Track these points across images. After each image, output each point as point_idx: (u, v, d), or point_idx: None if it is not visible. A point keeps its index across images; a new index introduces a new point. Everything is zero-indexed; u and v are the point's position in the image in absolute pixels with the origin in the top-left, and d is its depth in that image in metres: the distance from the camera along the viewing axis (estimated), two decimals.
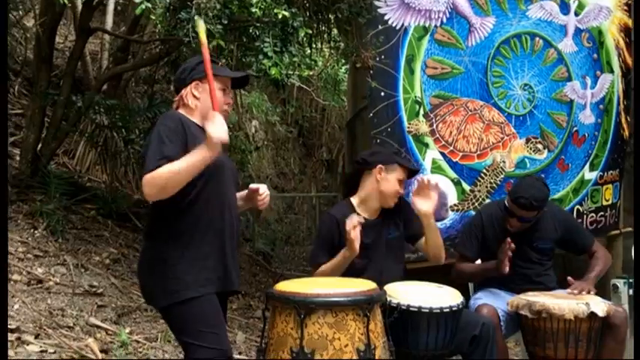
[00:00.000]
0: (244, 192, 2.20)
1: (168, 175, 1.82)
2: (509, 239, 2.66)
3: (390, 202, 2.57)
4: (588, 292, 2.66)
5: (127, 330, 3.19)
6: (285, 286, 1.95)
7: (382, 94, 3.63)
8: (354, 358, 1.78)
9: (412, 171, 2.69)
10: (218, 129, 1.85)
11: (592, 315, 2.41)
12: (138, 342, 3.09)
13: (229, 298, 2.35)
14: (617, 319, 2.52)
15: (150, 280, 1.96)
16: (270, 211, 7.89)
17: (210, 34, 3.35)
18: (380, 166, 2.55)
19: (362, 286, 1.93)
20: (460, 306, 2.30)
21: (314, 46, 6.62)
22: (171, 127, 1.95)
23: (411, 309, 2.22)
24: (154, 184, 1.83)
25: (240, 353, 3.36)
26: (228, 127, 1.97)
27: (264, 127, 8.30)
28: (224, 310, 2.04)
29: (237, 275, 2.04)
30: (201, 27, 2.03)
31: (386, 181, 2.54)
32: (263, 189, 2.17)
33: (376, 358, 1.82)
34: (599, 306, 2.42)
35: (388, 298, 2.27)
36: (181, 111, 2.08)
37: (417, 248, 2.75)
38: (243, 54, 4.22)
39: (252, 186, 2.18)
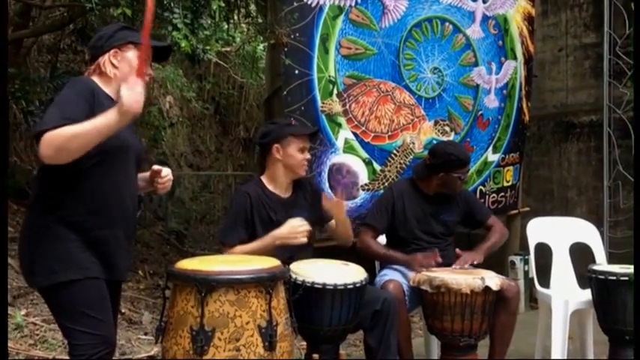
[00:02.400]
0: (147, 173, 2.10)
1: (68, 135, 1.67)
2: (438, 258, 2.80)
3: (301, 172, 2.62)
4: (477, 263, 2.80)
5: (23, 312, 3.03)
6: (187, 264, 1.92)
7: (296, 72, 3.62)
8: (255, 334, 1.78)
9: (313, 133, 2.74)
10: (134, 96, 1.70)
11: (487, 289, 2.54)
12: (35, 324, 2.95)
13: (128, 282, 2.28)
14: (510, 292, 2.68)
15: (30, 257, 1.83)
16: (185, 190, 7.73)
17: (115, 2, 3.20)
18: (275, 145, 2.55)
19: (265, 263, 1.93)
20: (364, 282, 2.36)
21: (231, 20, 6.47)
22: (79, 91, 1.83)
23: (316, 286, 2.26)
24: (51, 144, 1.67)
25: (146, 334, 3.28)
26: None
27: (180, 103, 8.07)
28: (115, 299, 1.96)
29: (127, 264, 1.97)
30: None
31: (287, 156, 2.57)
32: (165, 172, 2.07)
33: (278, 334, 1.83)
34: (493, 280, 2.56)
35: (293, 276, 2.29)
36: (95, 79, 1.95)
37: (325, 230, 2.80)
38: (159, 25, 4.06)
39: (155, 167, 2.09)
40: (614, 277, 2.73)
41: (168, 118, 7.67)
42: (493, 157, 4.52)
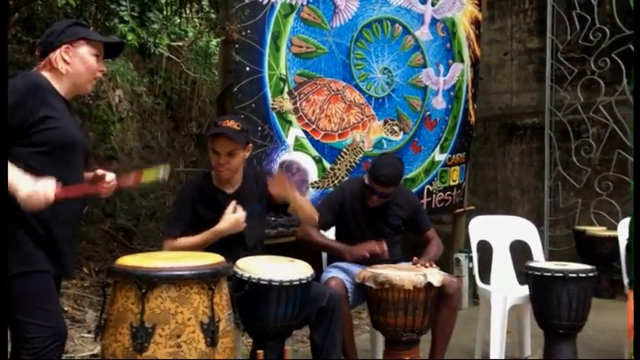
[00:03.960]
0: (91, 174, 2.07)
1: None
2: (385, 247, 2.84)
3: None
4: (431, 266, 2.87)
5: None
6: (128, 261, 1.90)
7: (247, 69, 3.60)
8: (197, 331, 1.78)
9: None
10: (35, 198, 1.69)
11: (429, 285, 2.60)
12: None
13: (72, 279, 2.25)
14: (451, 288, 2.76)
15: None
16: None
17: None
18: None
19: (207, 259, 1.93)
20: (310, 279, 2.39)
21: (183, 15, 6.40)
22: (19, 89, 1.79)
23: (262, 282, 2.27)
24: None
25: (89, 332, 3.23)
26: (89, 96, 1.86)
27: (130, 98, 7.91)
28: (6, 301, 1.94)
29: (73, 261, 1.96)
30: None
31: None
32: (110, 177, 2.04)
33: (220, 330, 1.84)
34: (435, 277, 2.63)
35: (239, 272, 2.30)
36: (46, 74, 1.93)
37: (290, 213, 2.80)
38: (105, 17, 3.98)
39: (99, 172, 2.05)
40: (550, 274, 2.85)
41: (117, 112, 7.50)
42: (440, 156, 4.63)
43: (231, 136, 2.49)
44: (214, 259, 1.95)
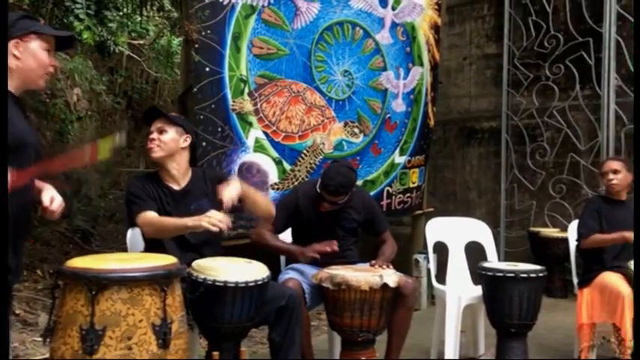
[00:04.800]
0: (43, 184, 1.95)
1: None
2: (335, 246, 2.85)
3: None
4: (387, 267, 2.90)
5: None
6: (78, 262, 1.87)
7: (207, 69, 3.58)
8: (149, 332, 1.77)
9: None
10: None
11: (384, 286, 2.64)
12: None
13: (24, 282, 2.18)
14: (407, 289, 2.79)
15: None
16: (93, 186, 7.44)
17: None
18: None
19: (160, 260, 1.92)
20: (266, 280, 2.39)
21: (145, 13, 6.30)
22: None
23: (217, 284, 2.27)
24: None
25: (41, 336, 3.14)
26: (46, 93, 1.80)
27: (88, 96, 7.74)
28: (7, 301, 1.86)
29: (17, 264, 1.88)
30: None
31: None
32: (55, 205, 1.87)
33: (173, 332, 1.83)
34: (391, 277, 2.67)
35: (194, 274, 2.29)
36: None
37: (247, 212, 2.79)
38: (63, 14, 3.89)
39: (45, 201, 1.89)
40: (502, 274, 2.92)
41: (75, 111, 7.34)
42: (400, 159, 4.69)
43: (160, 111, 2.55)
44: (167, 260, 1.94)
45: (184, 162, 2.61)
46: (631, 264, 2.94)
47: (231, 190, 2.47)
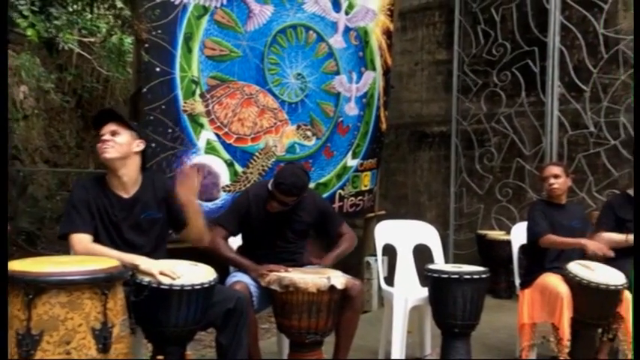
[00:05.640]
0: None
1: None
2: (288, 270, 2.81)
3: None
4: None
5: None
6: (16, 265, 1.82)
7: (157, 69, 3.54)
8: (88, 337, 1.74)
9: None
10: None
11: (332, 288, 2.66)
12: None
13: None
14: (354, 291, 2.82)
15: None
16: (39, 187, 7.22)
17: None
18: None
19: (101, 263, 1.88)
20: (212, 283, 2.38)
21: (95, 11, 6.16)
22: None
23: (162, 287, 2.24)
24: None
25: None
26: None
27: (36, 94, 7.51)
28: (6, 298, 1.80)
29: None
30: None
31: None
32: None
33: (114, 336, 1.80)
34: (339, 279, 2.69)
35: (139, 277, 2.26)
36: None
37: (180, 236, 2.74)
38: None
39: None
40: (446, 276, 3.00)
41: (21, 109, 7.11)
42: (352, 162, 4.73)
43: (116, 114, 2.48)
44: (109, 263, 1.91)
45: (135, 168, 2.53)
46: (570, 266, 3.06)
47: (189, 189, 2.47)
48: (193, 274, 2.35)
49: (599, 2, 4.98)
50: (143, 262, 2.29)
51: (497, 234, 5.24)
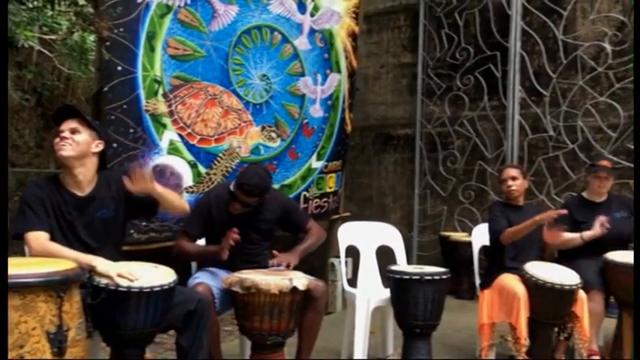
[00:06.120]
0: None
1: None
2: (235, 229, 2.80)
3: None
4: (288, 266, 2.91)
5: None
6: None
7: (119, 68, 3.48)
8: (42, 341, 1.70)
9: None
10: None
11: (294, 289, 2.66)
12: None
13: None
14: (317, 292, 2.83)
15: None
16: None
17: None
18: None
19: (57, 265, 1.84)
20: (172, 284, 2.35)
21: (57, 8, 6.03)
22: None
23: (120, 289, 2.20)
24: None
25: None
26: None
27: None
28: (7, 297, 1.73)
29: None
30: None
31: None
32: None
33: (69, 339, 1.76)
34: (301, 281, 2.69)
35: (96, 279, 2.22)
36: None
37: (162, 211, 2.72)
38: None
39: None
40: (408, 277, 3.03)
41: None
42: (317, 164, 4.74)
43: (76, 111, 2.46)
44: (65, 265, 1.87)
45: (93, 168, 2.49)
46: (526, 266, 3.13)
47: (143, 183, 2.44)
48: (153, 275, 2.32)
49: (559, 9, 5.11)
50: (100, 264, 2.26)
51: (459, 235, 5.32)
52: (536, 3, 5.19)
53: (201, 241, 3.12)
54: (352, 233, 3.58)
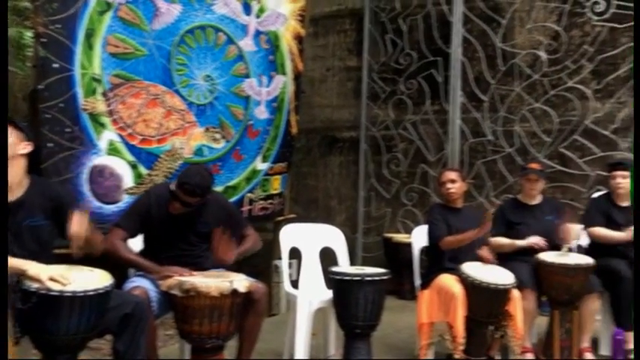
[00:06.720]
0: None
1: None
2: (186, 270, 2.76)
3: None
4: (228, 263, 2.88)
5: None
6: None
7: (56, 65, 3.38)
8: None
9: None
10: None
11: (234, 292, 2.65)
12: None
13: None
14: (258, 294, 2.82)
15: None
16: None
17: None
18: None
19: None
20: (108, 288, 2.30)
21: None
22: None
23: (52, 294, 2.14)
24: None
25: None
26: None
27: None
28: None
29: None
30: None
31: None
32: None
33: None
34: (241, 283, 2.68)
35: (27, 283, 2.15)
36: None
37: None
38: None
39: None
40: (348, 278, 3.06)
41: None
42: (262, 165, 4.73)
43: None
44: None
45: (20, 171, 2.39)
46: (463, 267, 3.22)
47: (79, 228, 2.32)
48: (87, 279, 2.26)
49: (498, 18, 5.28)
50: (31, 267, 2.18)
51: (402, 237, 5.41)
52: (476, 11, 5.35)
53: (137, 240, 3.05)
54: (295, 235, 3.59)
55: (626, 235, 3.48)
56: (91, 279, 2.28)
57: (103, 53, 3.58)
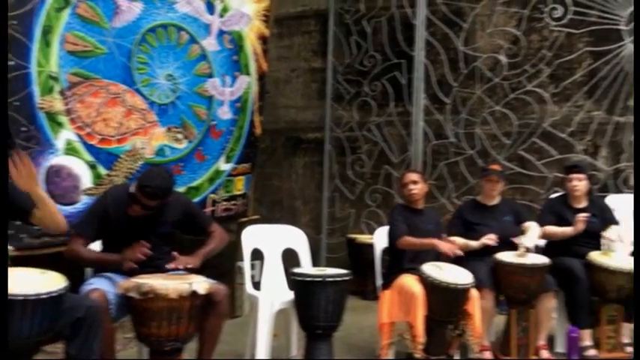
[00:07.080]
0: None
1: None
2: (145, 242, 2.71)
3: None
4: (193, 266, 2.85)
5: None
6: None
7: (11, 63, 3.28)
8: None
9: None
10: None
11: (194, 293, 2.62)
12: None
13: None
14: (218, 296, 2.79)
15: None
16: None
17: None
18: None
19: None
20: (62, 291, 2.25)
21: None
22: None
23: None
24: None
25: None
26: None
27: None
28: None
29: None
30: None
31: None
32: None
33: None
34: (201, 285, 2.65)
35: None
36: None
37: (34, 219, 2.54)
38: None
39: None
40: (310, 279, 3.07)
41: None
42: (225, 166, 4.69)
43: None
44: None
45: None
46: (423, 267, 3.26)
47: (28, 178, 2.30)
48: (39, 282, 2.21)
49: (460, 22, 5.37)
50: None
51: (365, 238, 5.44)
52: (439, 15, 5.42)
53: (96, 245, 3.00)
54: (257, 236, 3.58)
55: (573, 229, 3.60)
56: (44, 281, 2.23)
57: (60, 51, 3.49)
